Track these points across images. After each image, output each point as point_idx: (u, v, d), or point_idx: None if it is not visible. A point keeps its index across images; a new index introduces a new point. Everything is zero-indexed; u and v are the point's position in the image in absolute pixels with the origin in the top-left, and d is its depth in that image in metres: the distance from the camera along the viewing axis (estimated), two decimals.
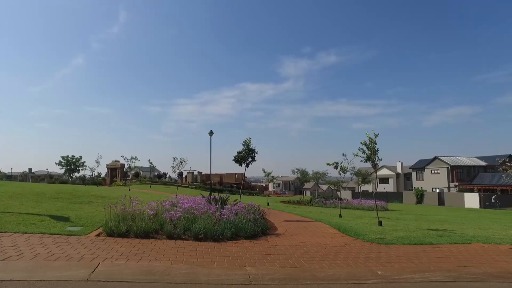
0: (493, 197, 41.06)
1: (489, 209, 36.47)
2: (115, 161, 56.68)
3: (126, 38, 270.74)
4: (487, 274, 5.46)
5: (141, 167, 44.79)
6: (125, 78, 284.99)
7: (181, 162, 23.02)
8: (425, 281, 4.99)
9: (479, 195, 41.51)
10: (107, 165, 58.52)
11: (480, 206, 39.35)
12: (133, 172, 49.84)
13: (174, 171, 23.99)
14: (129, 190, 30.95)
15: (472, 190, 48.22)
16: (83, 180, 53.39)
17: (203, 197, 11.62)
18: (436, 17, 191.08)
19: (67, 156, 59.45)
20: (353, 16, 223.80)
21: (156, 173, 63.74)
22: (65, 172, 59.79)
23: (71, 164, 59.00)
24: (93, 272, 4.64)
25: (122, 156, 34.17)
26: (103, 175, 61.36)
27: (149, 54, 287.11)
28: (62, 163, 59.14)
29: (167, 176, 66.41)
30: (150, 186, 43.46)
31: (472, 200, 40.94)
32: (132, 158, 32.56)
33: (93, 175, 54.68)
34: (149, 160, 34.21)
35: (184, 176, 58.62)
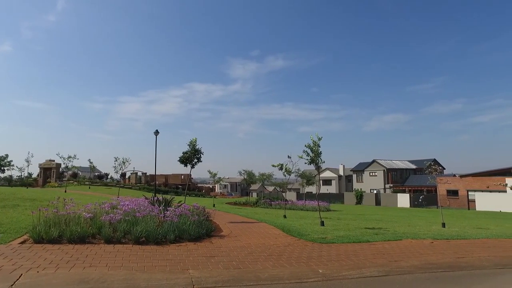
0: (421, 197, 45.26)
1: (417, 208, 40.07)
2: (50, 160, 52.06)
3: (65, 28, 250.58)
4: (413, 267, 6.02)
5: (80, 167, 41.64)
6: (63, 71, 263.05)
7: (123, 162, 21.85)
8: (361, 277, 5.30)
9: (410, 195, 45.50)
10: (39, 164, 53.50)
11: (410, 205, 43.11)
12: (70, 172, 46.23)
13: (117, 172, 22.67)
14: (65, 191, 28.72)
15: (404, 191, 52.60)
16: (9, 181, 48.00)
17: (146, 198, 11.14)
18: (376, 30, 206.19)
19: None
20: (300, 23, 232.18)
21: (96, 174, 59.86)
22: None
23: None
24: (12, 285, 4.13)
25: (58, 155, 31.16)
26: (35, 175, 55.97)
27: (91, 47, 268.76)
28: None
29: (109, 176, 62.76)
30: (89, 187, 40.82)
31: (403, 200, 44.69)
32: (69, 157, 30.02)
33: (22, 176, 49.54)
34: (89, 159, 31.75)
35: (127, 176, 55.90)
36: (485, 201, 37.99)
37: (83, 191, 34.29)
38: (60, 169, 50.68)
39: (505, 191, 30.09)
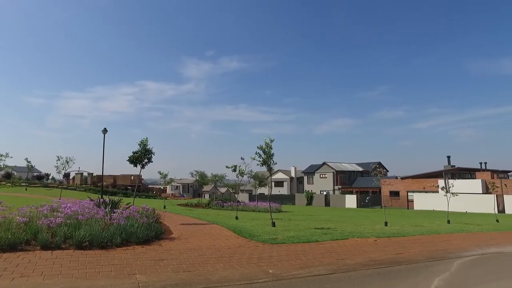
0: (367, 198, 47.96)
1: (363, 208, 42.39)
2: None
3: (1, 13, 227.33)
4: (358, 264, 6.35)
5: (15, 166, 38.14)
6: None
7: (67, 162, 20.34)
8: (310, 276, 5.46)
9: (356, 196, 47.98)
10: None
11: (357, 206, 45.45)
12: (3, 172, 42.13)
13: (59, 172, 21.00)
14: None
15: (351, 192, 55.28)
16: None
17: (92, 200, 10.49)
18: (327, 37, 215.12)
19: None
20: (256, 26, 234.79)
21: (35, 174, 55.31)
22: None
23: None
24: None
25: None
26: None
27: (31, 36, 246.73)
28: None
29: (50, 177, 58.22)
30: (26, 189, 37.44)
31: (351, 201, 47.00)
32: (0, 155, 27.14)
33: None
34: (27, 158, 29.03)
35: (71, 177, 52.36)
36: (421, 201, 41.31)
37: (19, 193, 31.44)
38: None
39: (438, 192, 33.01)
